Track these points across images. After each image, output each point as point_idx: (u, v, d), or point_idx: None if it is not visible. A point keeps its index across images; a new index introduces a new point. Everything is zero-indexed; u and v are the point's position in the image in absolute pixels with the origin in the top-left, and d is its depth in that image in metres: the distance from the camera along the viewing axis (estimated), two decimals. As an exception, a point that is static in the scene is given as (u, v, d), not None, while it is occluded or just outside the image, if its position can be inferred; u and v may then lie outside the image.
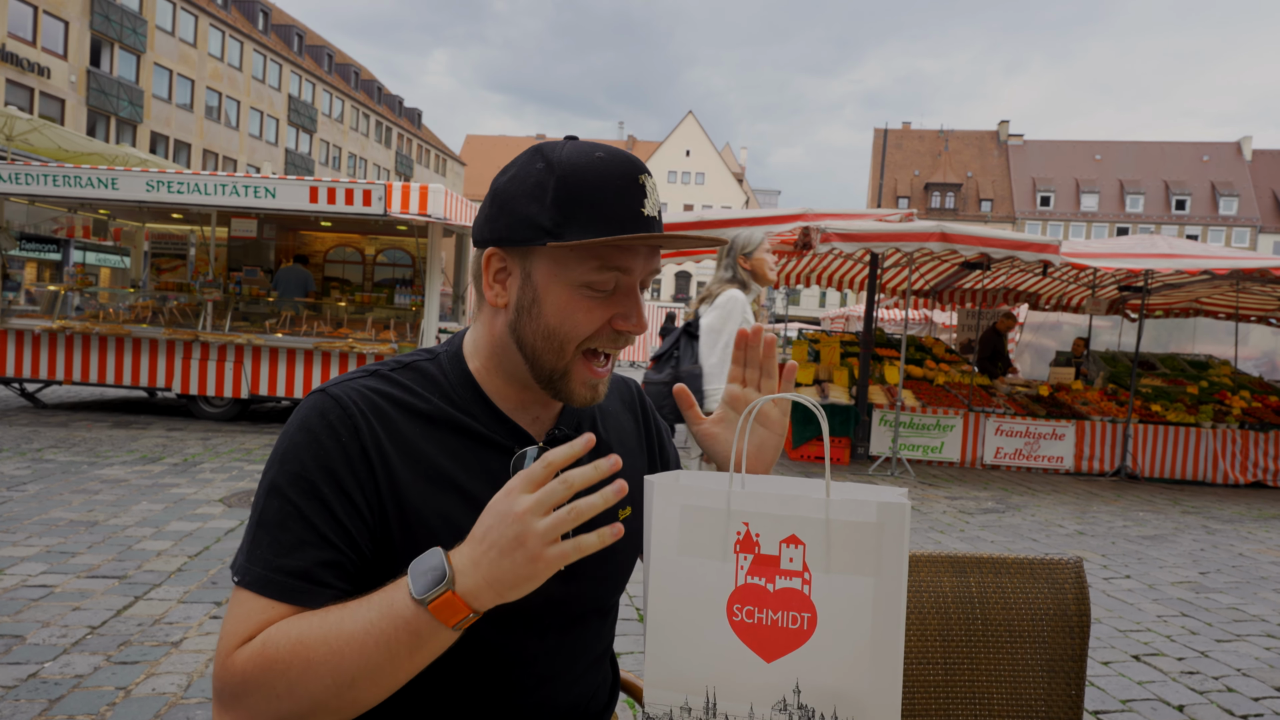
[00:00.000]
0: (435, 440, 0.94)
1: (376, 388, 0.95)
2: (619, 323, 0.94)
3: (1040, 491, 8.24)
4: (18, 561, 4.15)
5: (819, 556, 0.86)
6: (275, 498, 0.87)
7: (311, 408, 0.92)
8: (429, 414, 0.96)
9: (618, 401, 1.17)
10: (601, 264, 0.91)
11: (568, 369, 0.95)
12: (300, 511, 0.86)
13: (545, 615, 0.99)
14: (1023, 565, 1.32)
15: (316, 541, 0.86)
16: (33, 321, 9.34)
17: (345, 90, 53.92)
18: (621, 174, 0.91)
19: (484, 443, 0.97)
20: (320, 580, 0.85)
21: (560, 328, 0.93)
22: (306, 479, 0.87)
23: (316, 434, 0.89)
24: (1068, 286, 12.78)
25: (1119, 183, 66.39)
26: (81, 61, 32.27)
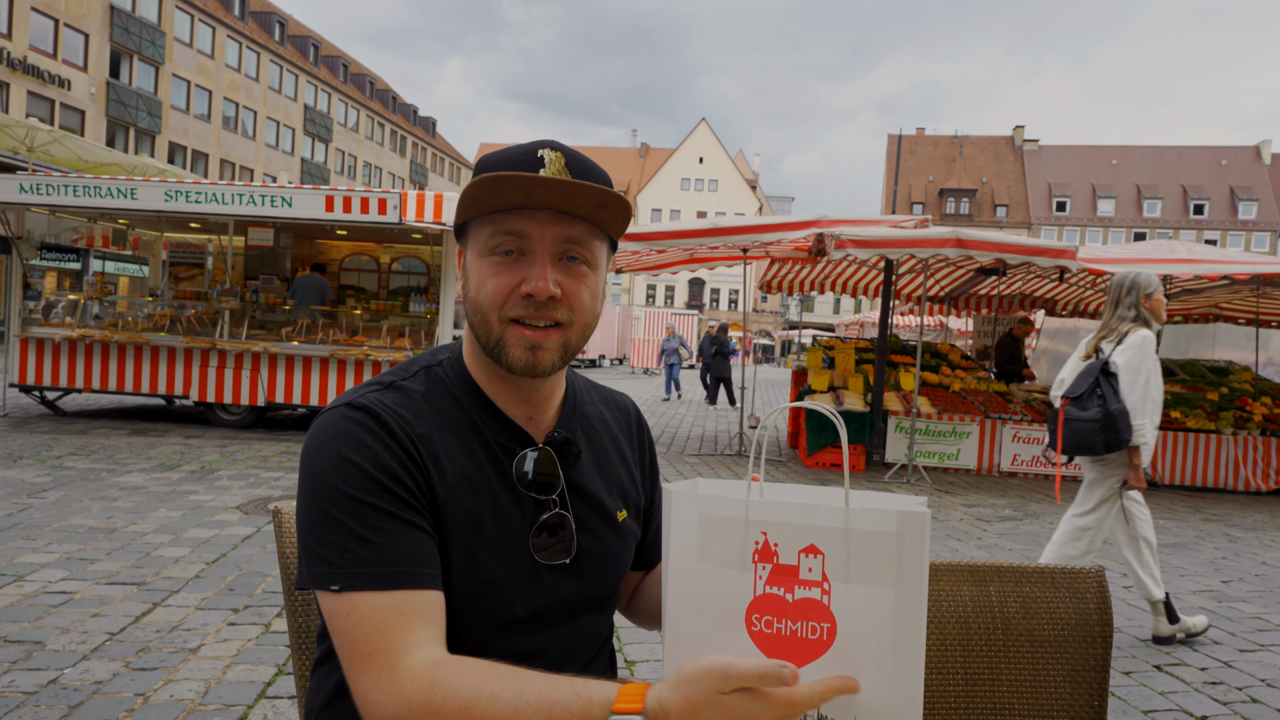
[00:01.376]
0: (455, 442, 0.99)
1: (397, 399, 0.99)
2: (523, 286, 0.96)
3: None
4: (38, 568, 4.18)
5: (838, 566, 0.85)
6: (345, 503, 0.90)
7: (343, 418, 0.95)
8: (445, 419, 0.99)
9: (613, 412, 1.19)
10: (495, 228, 0.96)
11: (501, 338, 0.97)
12: (378, 507, 0.90)
13: (551, 610, 1.01)
14: (1044, 574, 1.31)
15: (407, 529, 0.90)
16: (53, 330, 9.45)
17: (360, 100, 54.32)
18: (524, 151, 0.97)
19: (492, 444, 1.01)
20: (426, 560, 0.90)
21: (479, 299, 0.98)
22: (369, 477, 0.91)
23: (359, 437, 0.93)
24: (1085, 292, 12.68)
25: (1136, 188, 65.90)
26: (101, 73, 32.67)
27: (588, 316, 1.01)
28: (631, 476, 1.15)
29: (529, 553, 0.99)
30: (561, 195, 0.93)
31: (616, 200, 0.95)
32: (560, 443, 1.03)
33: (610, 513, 1.08)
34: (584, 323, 1.01)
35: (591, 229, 0.98)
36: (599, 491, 1.08)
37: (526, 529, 0.99)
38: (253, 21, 44.32)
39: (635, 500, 1.15)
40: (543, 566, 0.99)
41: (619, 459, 1.14)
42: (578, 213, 0.96)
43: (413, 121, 63.89)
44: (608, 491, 1.09)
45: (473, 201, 0.95)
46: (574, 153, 0.98)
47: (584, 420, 1.12)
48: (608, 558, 1.07)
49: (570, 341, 1.00)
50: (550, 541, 1.00)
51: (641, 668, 3.43)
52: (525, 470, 1.00)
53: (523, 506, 1.00)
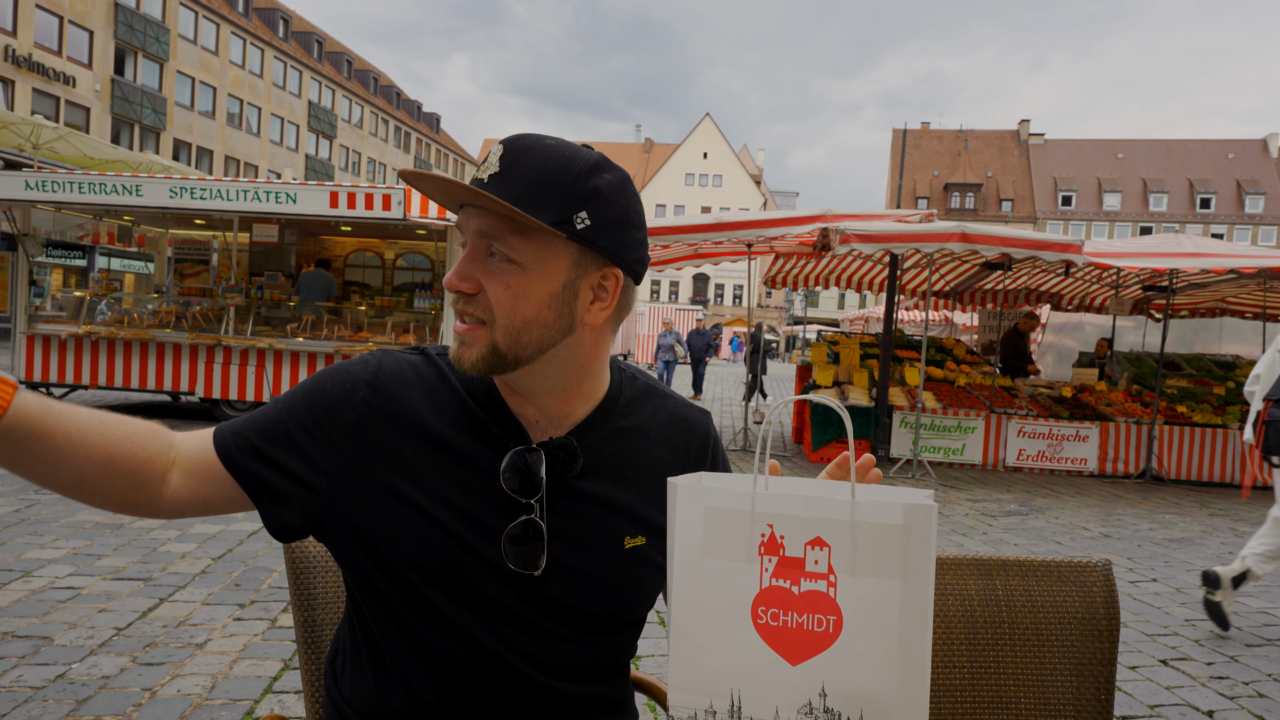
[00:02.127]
0: (450, 422, 0.99)
1: (418, 365, 1.03)
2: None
3: (1064, 494, 8.15)
4: (46, 564, 4.20)
5: (845, 559, 0.85)
6: (285, 404, 0.99)
7: (358, 360, 1.03)
8: (445, 396, 1.00)
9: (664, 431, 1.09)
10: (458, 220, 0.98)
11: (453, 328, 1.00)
12: (300, 424, 0.97)
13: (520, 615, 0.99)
14: (1050, 568, 1.30)
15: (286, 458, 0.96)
16: (59, 327, 9.48)
17: (364, 96, 54.32)
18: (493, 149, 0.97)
19: (487, 435, 0.99)
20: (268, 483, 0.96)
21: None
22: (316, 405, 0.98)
23: (345, 378, 1.00)
24: (1090, 287, 12.64)
25: (1142, 181, 65.65)
26: (106, 70, 32.72)
27: (513, 319, 0.92)
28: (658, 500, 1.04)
29: (499, 555, 0.95)
30: (459, 194, 0.93)
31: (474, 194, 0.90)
32: (554, 448, 0.98)
33: (615, 535, 1.01)
34: (510, 325, 0.93)
35: (510, 225, 0.91)
36: (598, 510, 1.01)
37: (500, 530, 0.96)
38: (257, 18, 44.33)
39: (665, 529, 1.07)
40: (512, 572, 0.96)
41: (649, 485, 1.04)
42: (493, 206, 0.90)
43: (417, 118, 63.89)
44: (616, 514, 1.02)
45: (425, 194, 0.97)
46: (520, 143, 0.93)
47: (616, 432, 1.04)
48: (596, 581, 1.00)
49: (498, 344, 0.93)
50: (517, 547, 0.96)
51: (647, 663, 3.43)
52: (509, 467, 0.96)
53: (502, 505, 0.96)
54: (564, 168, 0.92)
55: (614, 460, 1.03)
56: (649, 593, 1.05)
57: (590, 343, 1.00)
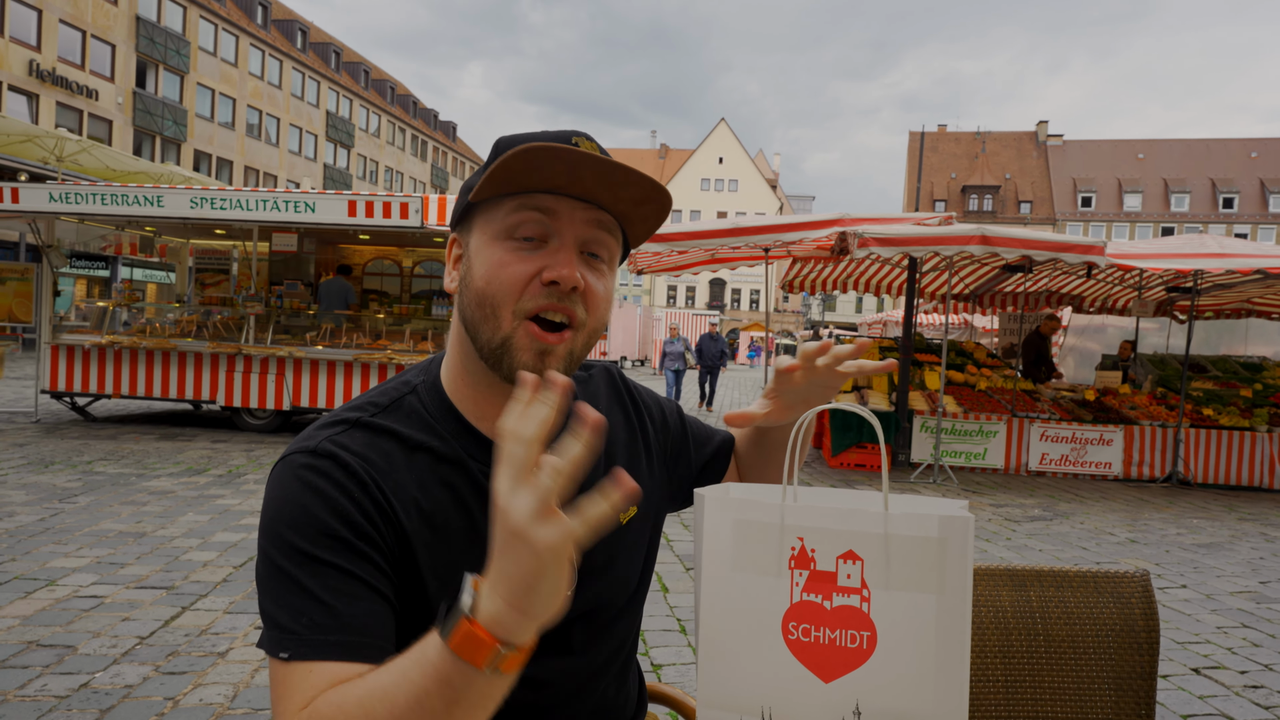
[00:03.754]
0: (431, 481, 0.89)
1: (365, 440, 0.88)
2: (546, 273, 0.85)
3: (1089, 499, 8.04)
4: (70, 572, 4.23)
5: (878, 572, 0.83)
6: (306, 563, 0.79)
7: (305, 467, 0.84)
8: (420, 456, 0.90)
9: (598, 399, 1.07)
10: (519, 204, 0.85)
11: (509, 339, 0.86)
12: (341, 569, 0.79)
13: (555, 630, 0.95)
14: (1085, 578, 1.27)
15: (369, 594, 0.80)
16: (83, 337, 9.58)
17: (382, 105, 54.71)
18: (554, 135, 0.87)
19: (474, 472, 0.91)
20: (385, 634, 0.80)
21: (488, 288, 0.86)
22: (334, 535, 0.80)
23: (323, 490, 0.82)
24: (1113, 288, 12.50)
25: (1163, 181, 64.94)
26: (128, 83, 33.14)
27: (601, 320, 0.90)
28: (636, 461, 1.06)
29: None
30: (608, 181, 0.83)
31: (662, 197, 0.86)
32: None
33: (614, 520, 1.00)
34: (594, 327, 0.90)
35: (616, 226, 0.90)
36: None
37: None
38: (275, 30, 44.77)
39: (648, 481, 1.05)
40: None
41: (619, 450, 1.04)
42: (613, 206, 0.87)
43: (433, 126, 64.27)
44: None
45: (505, 177, 0.83)
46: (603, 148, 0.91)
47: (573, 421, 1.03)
48: (616, 570, 0.99)
49: (576, 349, 0.89)
50: None
51: (668, 671, 3.40)
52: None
53: None
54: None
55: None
56: (651, 557, 1.06)
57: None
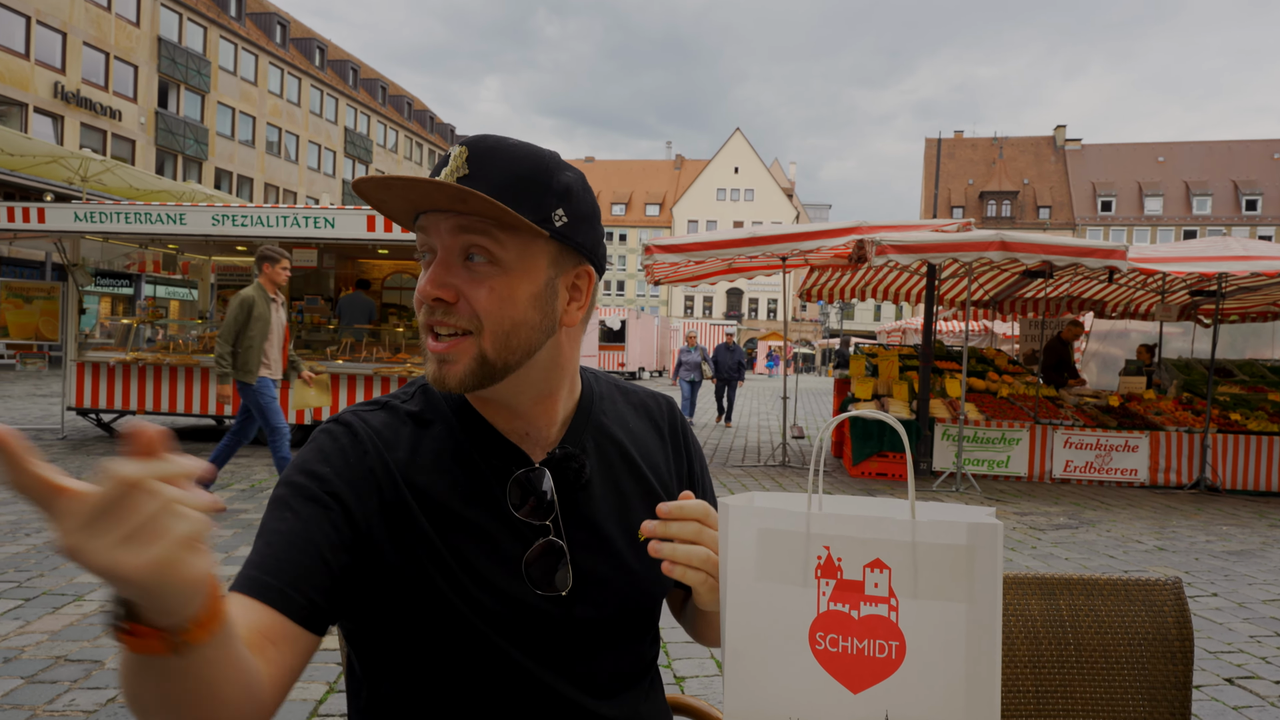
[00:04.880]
0: (439, 468, 0.93)
1: (386, 420, 0.95)
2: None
3: (1115, 506, 7.94)
4: (96, 588, 4.27)
5: (906, 581, 0.81)
6: (277, 506, 0.87)
7: (323, 432, 0.94)
8: (432, 444, 0.94)
9: (642, 418, 1.10)
10: (416, 225, 0.92)
11: (424, 349, 0.92)
12: (298, 514, 0.86)
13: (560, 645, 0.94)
14: (1116, 586, 1.25)
15: (303, 546, 0.84)
16: (107, 354, 9.70)
17: (399, 121, 55.25)
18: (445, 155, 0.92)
19: (482, 467, 0.94)
20: (295, 584, 0.82)
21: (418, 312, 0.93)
22: (308, 488, 0.87)
23: (325, 449, 0.91)
24: (1135, 293, 12.37)
25: (1184, 184, 64.31)
26: (150, 103, 33.67)
27: (502, 323, 0.89)
28: (665, 485, 1.06)
29: (525, 584, 0.91)
30: (422, 195, 0.87)
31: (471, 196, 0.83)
32: (559, 460, 0.95)
33: (630, 531, 0.99)
34: (498, 330, 0.89)
35: (495, 224, 0.88)
36: (612, 509, 0.99)
37: (519, 558, 0.92)
38: (294, 48, 45.37)
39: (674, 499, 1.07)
40: (541, 598, 0.92)
41: (649, 469, 1.05)
42: (451, 207, 0.88)
43: (450, 140, 64.80)
44: (627, 508, 1.00)
45: (384, 211, 0.92)
46: (484, 143, 0.90)
47: (599, 431, 1.03)
48: (623, 583, 0.98)
49: (485, 353, 0.89)
50: (544, 572, 0.92)
51: (692, 684, 3.38)
52: (516, 494, 0.93)
53: (516, 534, 0.92)
54: (538, 165, 0.91)
55: (609, 454, 1.03)
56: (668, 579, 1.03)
57: (568, 344, 0.98)
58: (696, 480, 1.13)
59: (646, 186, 79.79)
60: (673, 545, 0.88)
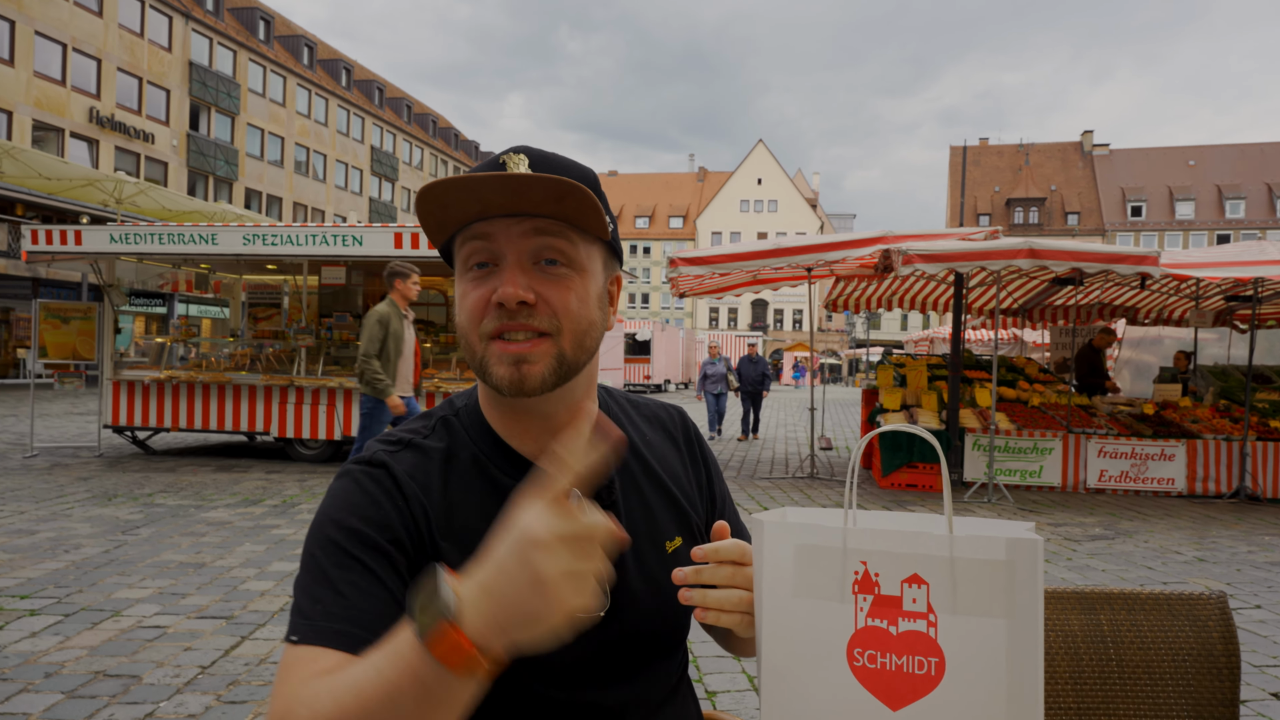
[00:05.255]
0: (467, 504, 0.91)
1: (414, 460, 0.92)
2: (494, 295, 0.88)
3: (1152, 516, 7.79)
4: (133, 603, 4.33)
5: (944, 597, 0.81)
6: (335, 553, 0.84)
7: (360, 473, 0.90)
8: (458, 477, 0.93)
9: (656, 429, 1.10)
10: (464, 237, 0.90)
11: (484, 358, 0.90)
12: (365, 565, 0.83)
13: (599, 666, 0.93)
14: (1159, 600, 1.23)
15: (384, 596, 0.82)
16: (142, 372, 9.87)
17: (424, 139, 55.88)
18: (491, 160, 0.91)
19: (510, 493, 0.91)
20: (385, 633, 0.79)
21: (463, 321, 0.91)
22: (368, 536, 0.84)
23: (372, 493, 0.87)
24: (1168, 299, 12.17)
25: (1216, 188, 63.29)
26: (182, 126, 34.35)
27: (579, 323, 0.90)
28: (689, 497, 1.06)
29: None
30: (514, 193, 0.85)
31: (575, 191, 0.84)
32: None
33: (658, 545, 0.99)
34: (576, 330, 0.90)
35: (567, 228, 0.89)
36: (641, 524, 0.99)
37: None
38: (321, 69, 46.10)
39: (693, 521, 1.05)
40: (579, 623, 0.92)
41: (670, 480, 1.05)
42: (537, 210, 0.87)
43: (475, 157, 65.41)
44: (654, 521, 1.00)
45: (432, 222, 0.88)
46: (541, 152, 0.92)
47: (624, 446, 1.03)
48: (662, 599, 0.96)
49: (565, 353, 0.90)
50: None
51: (723, 699, 3.36)
52: None
53: None
54: (586, 171, 0.93)
55: (633, 468, 1.02)
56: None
57: (599, 351, 0.99)
58: (715, 488, 1.13)
59: (670, 199, 79.96)
60: (704, 593, 0.88)
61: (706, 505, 1.11)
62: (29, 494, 7.32)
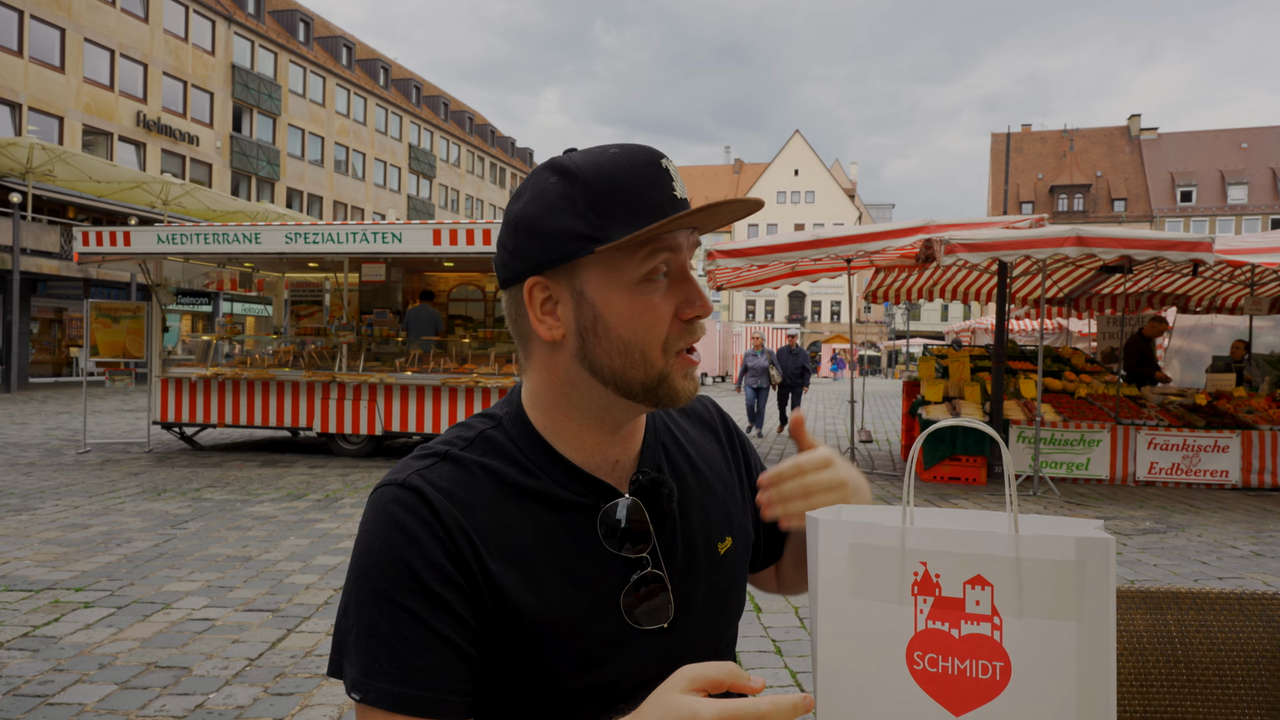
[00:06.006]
0: (518, 519, 0.87)
1: (452, 475, 0.87)
2: (685, 311, 0.86)
3: (1205, 509, 7.58)
4: (183, 596, 4.42)
5: (1010, 599, 0.77)
6: (384, 604, 0.81)
7: (395, 501, 0.85)
8: (507, 492, 0.88)
9: (695, 424, 1.08)
10: (651, 250, 0.84)
11: (665, 374, 0.86)
12: (416, 615, 0.80)
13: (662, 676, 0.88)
14: (1229, 600, 1.18)
15: (439, 646, 0.80)
16: (189, 370, 10.08)
17: (461, 136, 56.28)
18: (644, 163, 0.85)
19: (567, 507, 0.89)
20: (449, 688, 0.81)
21: (635, 336, 0.85)
22: (415, 579, 0.81)
23: (411, 530, 0.83)
24: (1221, 286, 11.83)
25: (1271, 171, 61.34)
26: (225, 128, 34.98)
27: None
28: (731, 492, 1.04)
29: (624, 622, 0.87)
30: (711, 215, 0.84)
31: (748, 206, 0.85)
32: (648, 486, 0.91)
33: (713, 548, 0.96)
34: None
35: None
36: (697, 528, 0.96)
37: (617, 596, 0.87)
38: (359, 69, 46.63)
39: (740, 519, 1.03)
40: (641, 633, 0.88)
41: (715, 478, 1.02)
42: (708, 229, 0.88)
43: (511, 153, 65.76)
44: (708, 523, 0.98)
45: (650, 234, 0.83)
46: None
47: (669, 446, 1.00)
48: (717, 603, 0.96)
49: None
50: (645, 606, 0.88)
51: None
52: (609, 529, 0.88)
53: (611, 570, 0.88)
54: None
55: (682, 468, 0.99)
56: (744, 590, 1.03)
57: None
58: (755, 473, 1.10)
59: (706, 191, 79.65)
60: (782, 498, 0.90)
61: (751, 498, 1.08)
62: (82, 489, 7.52)
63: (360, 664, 0.81)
